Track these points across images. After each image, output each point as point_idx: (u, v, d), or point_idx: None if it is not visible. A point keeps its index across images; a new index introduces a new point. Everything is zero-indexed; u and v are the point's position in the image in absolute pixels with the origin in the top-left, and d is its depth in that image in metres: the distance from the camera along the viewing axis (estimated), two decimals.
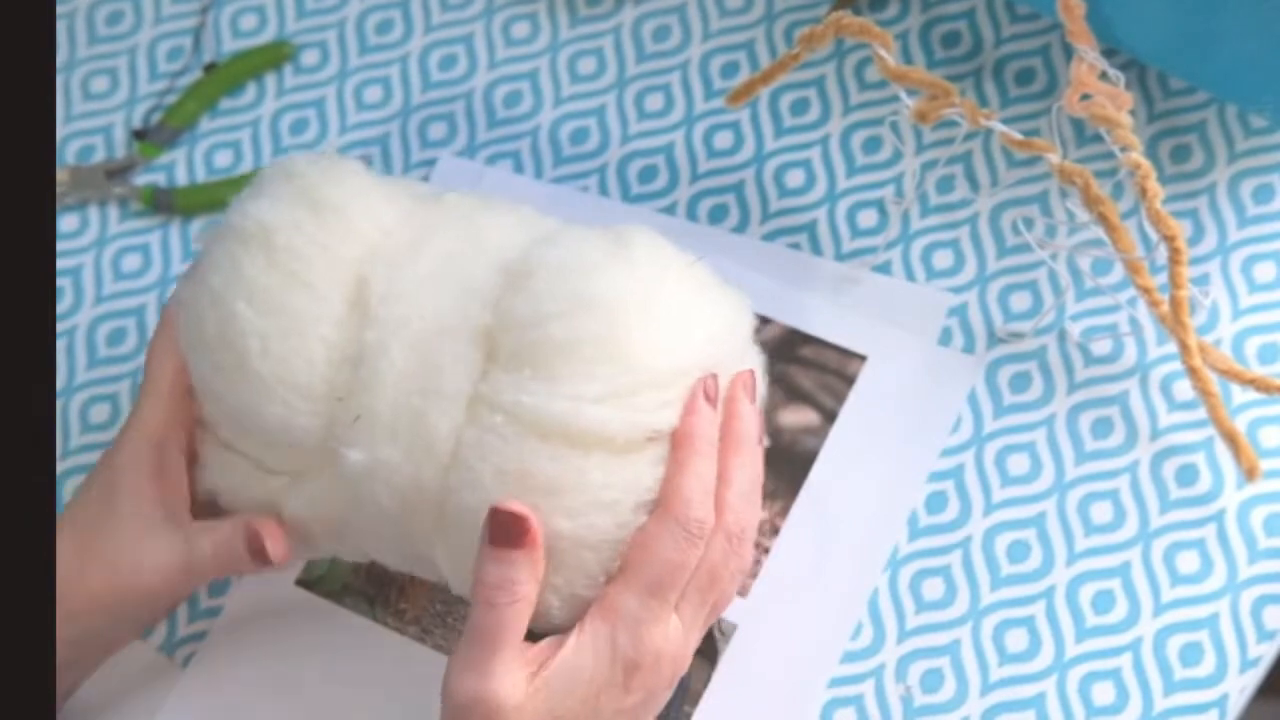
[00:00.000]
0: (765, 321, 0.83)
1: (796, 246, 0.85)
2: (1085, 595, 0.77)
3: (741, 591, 0.79)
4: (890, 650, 0.77)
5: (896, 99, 0.79)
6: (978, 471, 0.80)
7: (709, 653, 0.78)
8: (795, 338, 0.83)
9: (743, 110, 0.88)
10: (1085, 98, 0.76)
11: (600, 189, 0.87)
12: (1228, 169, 0.84)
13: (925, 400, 0.81)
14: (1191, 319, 0.77)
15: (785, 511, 0.80)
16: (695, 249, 0.87)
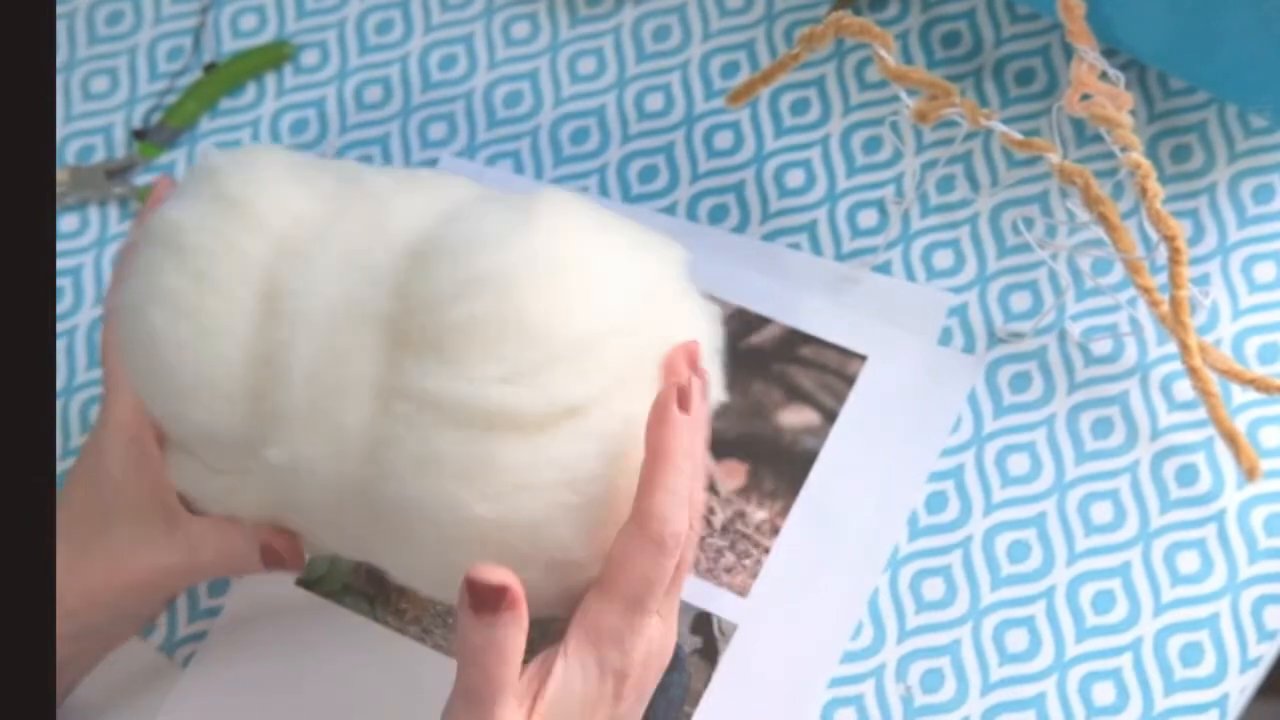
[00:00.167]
0: (765, 321, 0.83)
1: (797, 246, 0.85)
2: (1085, 595, 0.77)
3: (741, 591, 0.79)
4: (890, 650, 0.77)
5: (897, 99, 0.79)
6: (978, 471, 0.80)
7: (709, 653, 0.78)
8: (795, 338, 0.83)
9: (743, 110, 0.88)
10: (1085, 98, 0.76)
11: (600, 189, 0.87)
12: (1228, 169, 0.84)
13: (925, 400, 0.81)
14: (1192, 319, 0.77)
15: (785, 511, 0.80)
16: (695, 249, 0.87)
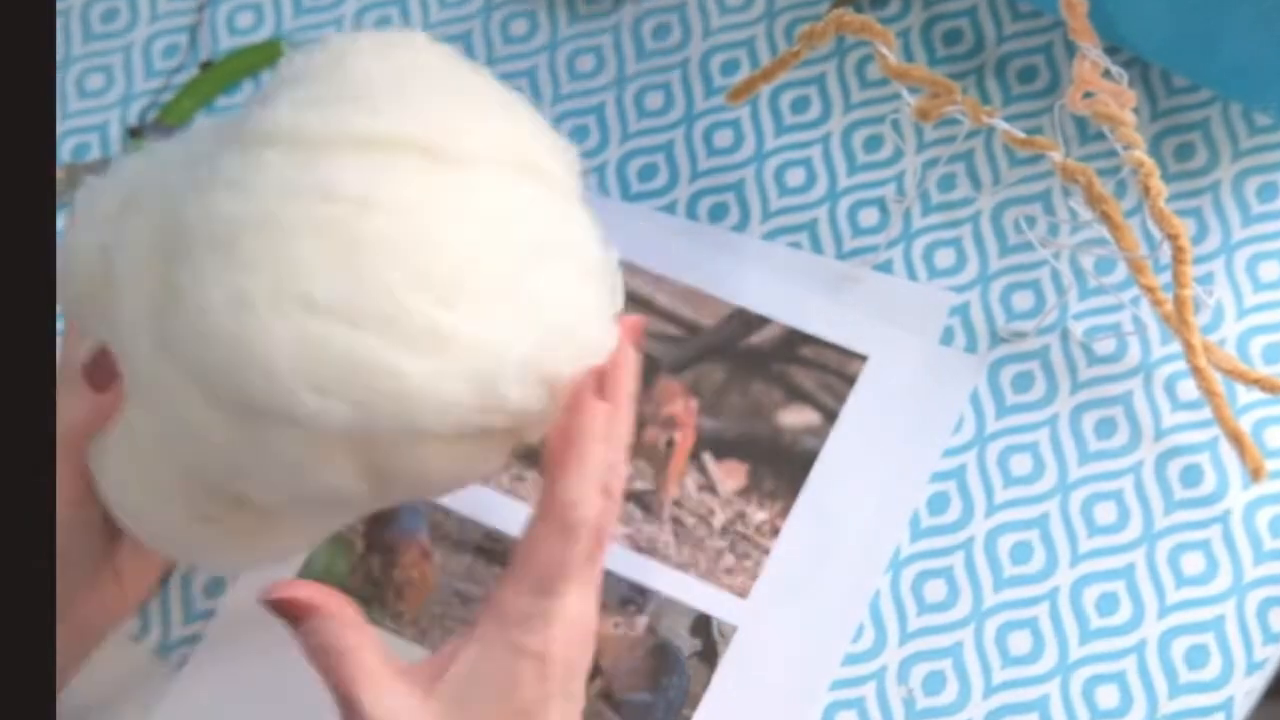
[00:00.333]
0: (765, 321, 0.83)
1: (797, 245, 0.85)
2: (1089, 597, 0.77)
3: (741, 593, 0.78)
4: (892, 652, 0.77)
5: (898, 97, 0.79)
6: (980, 472, 0.80)
7: (708, 655, 0.78)
8: (796, 337, 0.83)
9: (743, 108, 0.88)
10: (1088, 95, 0.76)
11: (600, 187, 0.87)
12: (1232, 167, 0.84)
13: (927, 400, 0.81)
14: (1196, 318, 0.76)
15: (786, 512, 0.80)
16: (695, 247, 0.87)
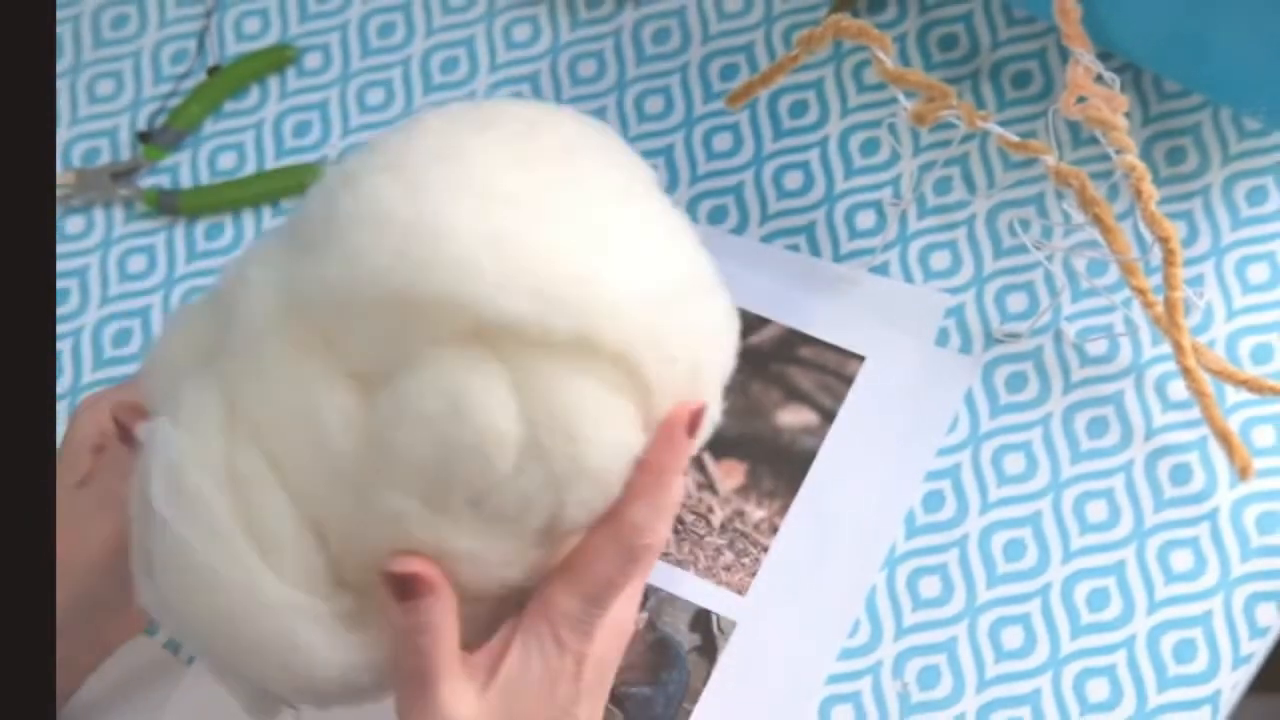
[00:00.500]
0: (764, 322, 0.84)
1: (795, 248, 0.85)
2: (1080, 593, 0.78)
3: (740, 590, 0.79)
4: (888, 647, 0.78)
5: (894, 101, 0.80)
6: (974, 471, 0.80)
7: (708, 650, 0.78)
8: (794, 338, 0.84)
9: (742, 112, 0.88)
10: (1081, 100, 0.76)
11: None
12: (1222, 171, 0.84)
13: (923, 400, 0.82)
14: (1186, 320, 0.77)
15: (784, 510, 0.80)
16: None
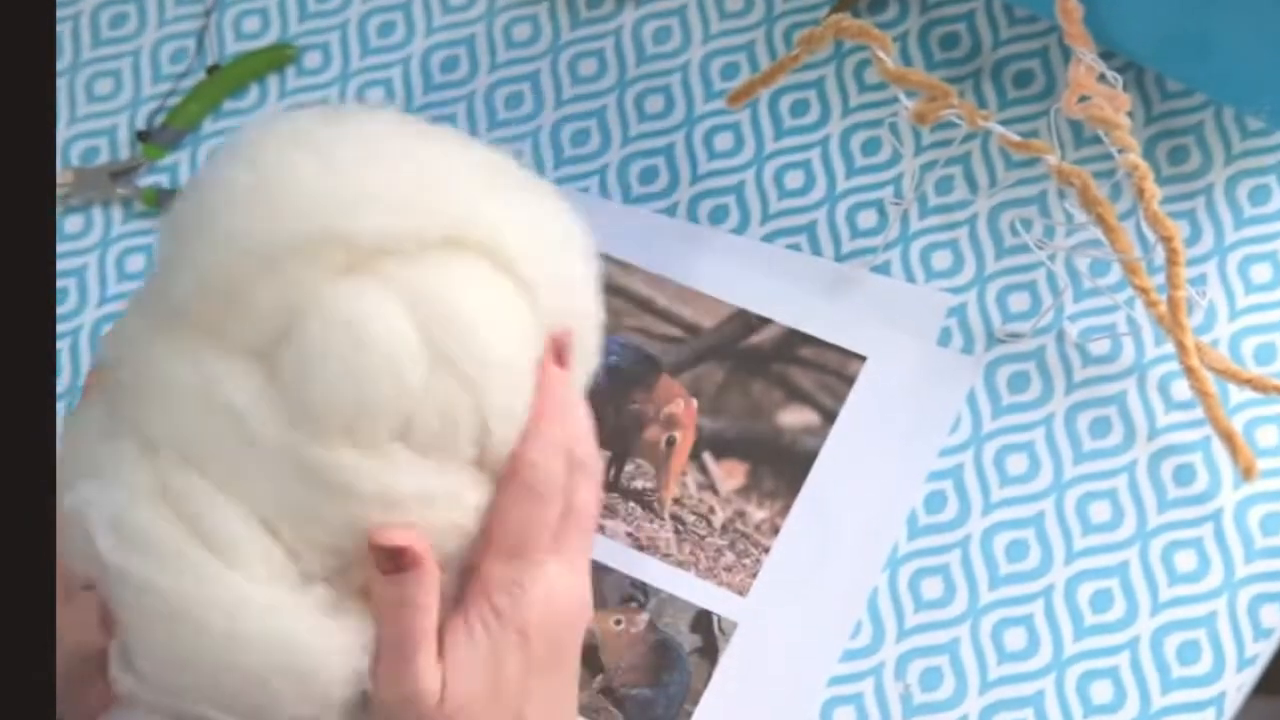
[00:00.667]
0: (765, 322, 0.84)
1: (796, 247, 0.86)
2: (1083, 594, 0.78)
3: (741, 590, 0.79)
4: (890, 649, 0.78)
5: (896, 100, 0.80)
6: (976, 471, 0.80)
7: (709, 651, 0.78)
8: (795, 338, 0.84)
9: (743, 111, 0.89)
10: (1083, 99, 0.76)
11: (601, 190, 0.88)
12: (1225, 170, 0.84)
13: (924, 400, 0.82)
14: (1189, 319, 0.77)
15: (785, 511, 0.80)
16: (696, 250, 0.87)
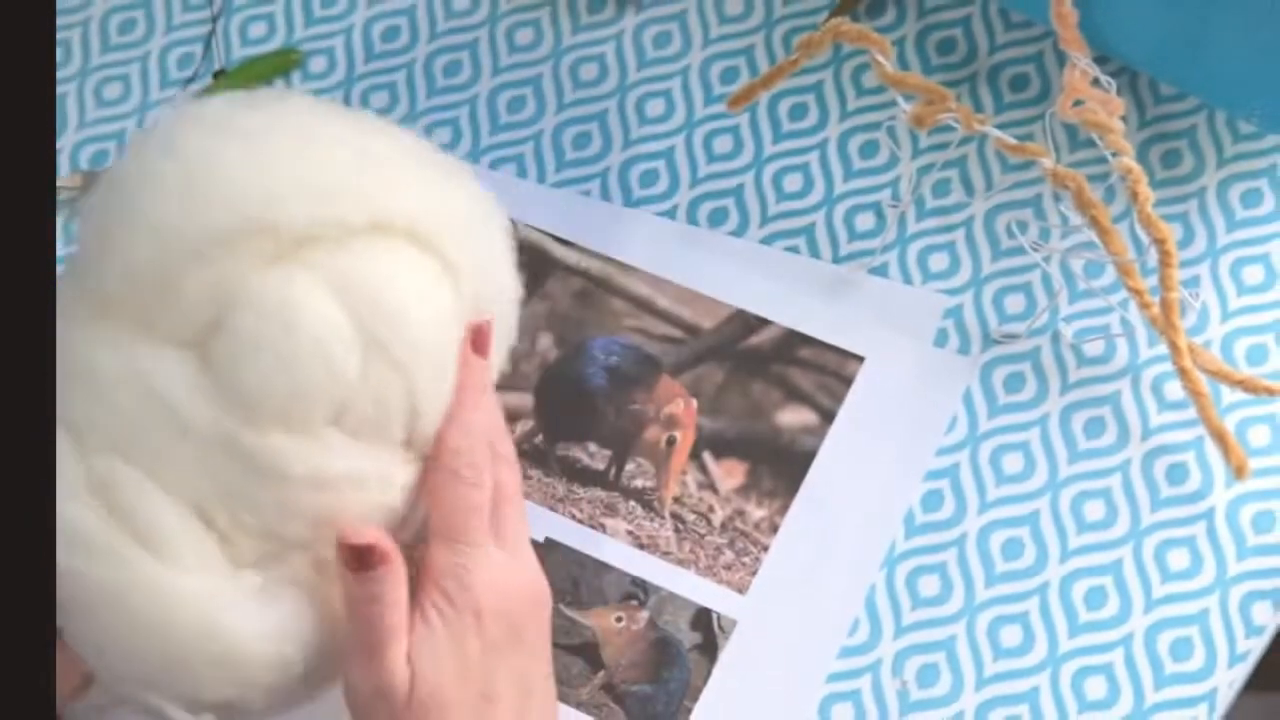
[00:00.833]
0: (764, 323, 0.84)
1: (795, 249, 0.86)
2: (1078, 592, 0.78)
3: (740, 588, 0.80)
4: (887, 646, 0.78)
5: (893, 104, 0.80)
6: (973, 470, 0.81)
7: (709, 648, 0.79)
8: (794, 339, 0.84)
9: (742, 115, 0.89)
10: (1078, 104, 0.77)
11: (602, 193, 0.88)
12: (1217, 174, 0.85)
13: (921, 400, 0.82)
14: (1182, 321, 0.77)
15: (784, 510, 0.81)
16: (696, 252, 0.87)
